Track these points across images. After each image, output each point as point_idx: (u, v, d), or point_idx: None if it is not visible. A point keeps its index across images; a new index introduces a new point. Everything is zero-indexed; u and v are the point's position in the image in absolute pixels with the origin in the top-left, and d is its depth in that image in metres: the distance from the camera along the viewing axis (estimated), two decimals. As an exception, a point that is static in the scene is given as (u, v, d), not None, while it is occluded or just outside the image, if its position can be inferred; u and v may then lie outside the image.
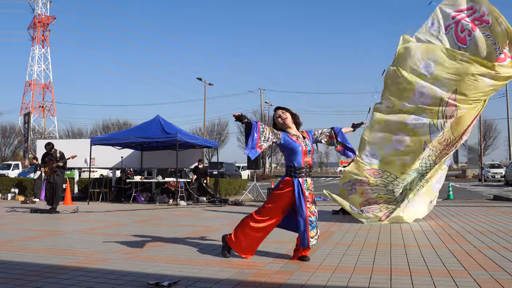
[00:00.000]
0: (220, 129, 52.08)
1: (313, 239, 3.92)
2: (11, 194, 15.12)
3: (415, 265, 3.69)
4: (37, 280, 3.26)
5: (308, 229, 3.88)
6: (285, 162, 4.09)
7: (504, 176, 26.64)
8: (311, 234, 3.89)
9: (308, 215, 3.89)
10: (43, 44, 63.25)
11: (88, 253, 4.41)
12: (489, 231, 5.75)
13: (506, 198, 13.01)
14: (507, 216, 7.70)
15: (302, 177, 3.94)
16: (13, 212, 9.58)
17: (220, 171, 20.91)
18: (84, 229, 6.48)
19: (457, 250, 4.37)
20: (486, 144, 45.76)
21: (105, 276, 3.38)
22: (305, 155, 3.98)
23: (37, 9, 62.12)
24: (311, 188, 4.01)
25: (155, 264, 3.82)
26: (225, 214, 8.97)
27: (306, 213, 3.88)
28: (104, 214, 9.15)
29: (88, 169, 14.63)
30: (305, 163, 3.96)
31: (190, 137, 13.65)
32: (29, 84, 62.00)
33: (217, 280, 3.24)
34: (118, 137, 12.92)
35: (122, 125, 49.64)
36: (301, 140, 4.01)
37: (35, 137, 45.45)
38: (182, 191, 12.78)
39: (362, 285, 3.07)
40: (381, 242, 4.99)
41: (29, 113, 22.88)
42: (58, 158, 9.61)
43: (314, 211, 3.95)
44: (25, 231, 6.32)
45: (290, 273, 3.44)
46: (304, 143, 4.01)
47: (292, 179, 3.94)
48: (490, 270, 3.47)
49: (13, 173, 27.91)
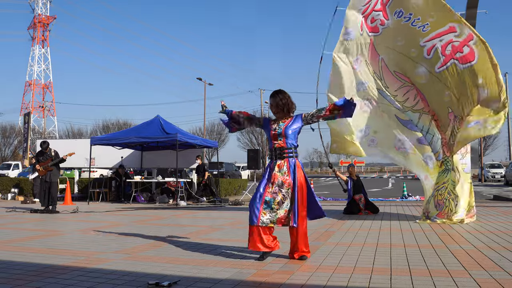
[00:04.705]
0: (220, 129, 52.07)
1: (264, 218, 3.91)
2: (11, 194, 15.13)
3: (415, 265, 3.69)
4: (37, 280, 3.25)
5: (261, 207, 3.92)
6: None
7: (504, 176, 26.62)
8: (263, 212, 3.92)
9: (264, 193, 3.96)
10: (43, 44, 63.25)
11: (88, 253, 4.41)
12: (489, 231, 5.75)
13: (506, 198, 13.02)
14: (507, 216, 7.70)
15: (273, 158, 4.10)
16: (13, 212, 9.58)
17: (220, 171, 20.89)
18: (84, 229, 6.48)
19: (457, 250, 4.37)
20: (486, 144, 45.73)
21: (105, 276, 3.38)
22: (274, 139, 4.10)
23: (37, 9, 62.13)
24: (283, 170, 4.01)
25: (155, 264, 3.82)
26: (225, 214, 8.97)
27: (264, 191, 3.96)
28: (104, 214, 9.15)
29: (88, 169, 14.63)
30: (275, 145, 4.09)
31: (190, 137, 13.65)
32: (29, 84, 62.00)
33: (217, 280, 3.23)
34: (118, 137, 12.92)
35: (122, 125, 49.68)
36: (274, 125, 4.14)
37: (35, 137, 45.43)
38: (182, 191, 12.78)
39: (362, 285, 3.07)
40: (381, 242, 4.99)
41: (29, 113, 22.80)
42: (52, 157, 9.60)
43: (273, 192, 3.96)
44: (25, 231, 6.32)
45: (290, 273, 3.44)
46: (274, 128, 4.11)
47: (268, 162, 4.18)
48: (490, 270, 3.47)
49: (13, 173, 27.93)
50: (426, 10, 6.90)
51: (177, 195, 12.52)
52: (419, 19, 6.95)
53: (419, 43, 6.99)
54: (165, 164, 14.72)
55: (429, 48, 6.90)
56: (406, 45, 7.18)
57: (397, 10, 7.16)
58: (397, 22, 7.21)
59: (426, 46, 6.93)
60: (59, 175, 10.09)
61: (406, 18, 7.06)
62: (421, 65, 7.04)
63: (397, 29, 7.22)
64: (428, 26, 6.86)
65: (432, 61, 6.88)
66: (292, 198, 3.97)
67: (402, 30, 7.16)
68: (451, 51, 6.65)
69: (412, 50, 7.11)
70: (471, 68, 6.44)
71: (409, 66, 7.20)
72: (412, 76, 7.22)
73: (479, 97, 6.38)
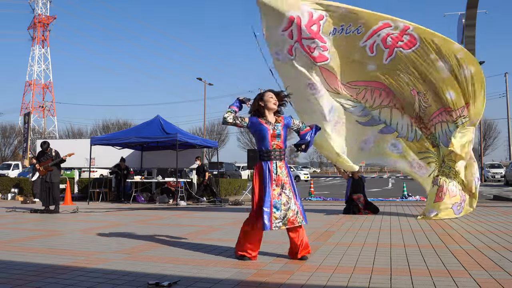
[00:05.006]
0: (220, 129, 52.12)
1: (277, 221, 3.88)
2: (11, 194, 15.13)
3: (415, 265, 3.69)
4: (37, 280, 3.25)
5: (272, 211, 3.88)
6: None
7: (504, 176, 26.63)
8: (274, 216, 3.88)
9: (272, 197, 3.91)
10: (43, 44, 63.27)
11: (88, 253, 4.41)
12: (489, 231, 5.75)
13: (506, 198, 13.01)
14: (507, 216, 7.70)
15: (271, 160, 3.99)
16: (13, 212, 9.58)
17: (220, 171, 20.90)
18: (84, 229, 6.48)
19: (457, 250, 4.37)
20: (486, 144, 45.78)
21: (105, 276, 3.38)
22: (273, 138, 4.02)
23: (37, 9, 62.15)
24: (283, 172, 4.01)
25: (155, 264, 3.82)
26: (225, 214, 8.97)
27: (271, 195, 3.90)
28: (104, 214, 9.15)
29: (88, 169, 14.63)
30: (273, 146, 4.01)
31: (190, 137, 13.66)
32: (29, 84, 62.01)
33: (217, 280, 3.23)
34: (118, 137, 12.93)
35: (122, 125, 49.71)
36: (270, 124, 4.05)
37: (35, 137, 45.46)
38: (182, 191, 12.78)
39: (362, 285, 3.07)
40: (381, 242, 4.99)
41: (29, 113, 22.82)
42: (53, 157, 9.62)
43: (278, 193, 3.94)
44: (25, 231, 6.32)
45: (290, 273, 3.44)
46: (272, 127, 4.05)
47: (261, 163, 4.00)
48: (490, 270, 3.46)
49: (13, 173, 27.94)
50: (354, 17, 7.25)
51: (177, 195, 12.53)
52: (350, 25, 7.28)
53: (359, 45, 7.35)
54: (165, 164, 14.73)
55: (370, 46, 7.30)
56: (349, 53, 7.48)
57: (331, 30, 7.36)
58: (335, 40, 7.42)
59: (366, 46, 7.33)
60: (60, 176, 10.08)
61: (340, 30, 7.34)
62: (368, 63, 7.48)
63: (338, 46, 7.47)
64: (362, 28, 7.24)
65: (378, 57, 7.37)
66: (292, 198, 3.98)
67: (341, 43, 7.42)
68: (392, 42, 7.18)
69: (355, 54, 7.45)
70: (418, 49, 7.09)
71: (359, 69, 7.57)
72: (366, 76, 7.58)
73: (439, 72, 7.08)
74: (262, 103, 4.10)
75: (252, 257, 3.99)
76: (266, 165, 3.99)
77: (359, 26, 7.22)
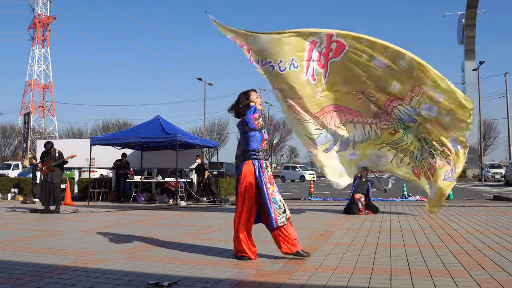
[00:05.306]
0: (220, 129, 52.18)
1: (281, 217, 3.92)
2: (11, 194, 15.13)
3: (415, 265, 3.69)
4: (37, 280, 3.25)
5: (273, 208, 3.92)
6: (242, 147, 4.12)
7: (504, 176, 26.63)
8: (277, 213, 3.91)
9: (270, 195, 3.95)
10: (43, 44, 63.32)
11: (88, 253, 4.41)
12: (489, 231, 5.75)
13: (506, 198, 13.01)
14: (507, 216, 7.70)
15: (261, 159, 4.06)
16: (13, 212, 9.58)
17: (220, 171, 20.90)
18: (84, 229, 6.48)
19: (457, 250, 4.37)
20: (486, 144, 45.82)
21: (105, 276, 3.38)
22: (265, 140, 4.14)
23: (37, 9, 62.20)
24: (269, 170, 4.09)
25: (155, 264, 3.82)
26: (225, 214, 8.97)
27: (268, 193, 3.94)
28: (104, 214, 9.15)
29: (88, 169, 14.63)
30: (263, 146, 4.10)
31: (190, 137, 13.65)
32: (29, 84, 62.05)
33: (217, 280, 3.23)
34: (118, 137, 12.92)
35: (122, 125, 49.74)
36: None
37: (35, 137, 45.50)
38: (182, 191, 12.78)
39: (362, 285, 3.07)
40: (381, 242, 4.99)
41: (29, 113, 22.87)
42: (56, 158, 9.62)
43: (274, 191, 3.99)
44: (25, 231, 6.32)
45: (290, 273, 3.44)
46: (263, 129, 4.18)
47: (253, 162, 4.03)
48: (490, 270, 3.46)
49: (13, 173, 27.96)
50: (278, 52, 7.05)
51: (177, 195, 12.53)
52: (281, 61, 7.09)
53: (302, 80, 7.21)
54: (165, 164, 14.73)
55: (311, 75, 7.20)
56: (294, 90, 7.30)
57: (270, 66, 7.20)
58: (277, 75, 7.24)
59: (308, 77, 7.20)
60: (62, 176, 10.09)
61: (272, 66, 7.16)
62: (316, 91, 7.36)
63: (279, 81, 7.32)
64: (296, 61, 7.09)
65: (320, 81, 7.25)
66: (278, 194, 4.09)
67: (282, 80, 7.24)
68: (324, 58, 7.07)
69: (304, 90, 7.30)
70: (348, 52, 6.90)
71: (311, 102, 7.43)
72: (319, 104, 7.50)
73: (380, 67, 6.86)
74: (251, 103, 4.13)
75: (251, 256, 3.99)
76: (257, 165, 4.03)
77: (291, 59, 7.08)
